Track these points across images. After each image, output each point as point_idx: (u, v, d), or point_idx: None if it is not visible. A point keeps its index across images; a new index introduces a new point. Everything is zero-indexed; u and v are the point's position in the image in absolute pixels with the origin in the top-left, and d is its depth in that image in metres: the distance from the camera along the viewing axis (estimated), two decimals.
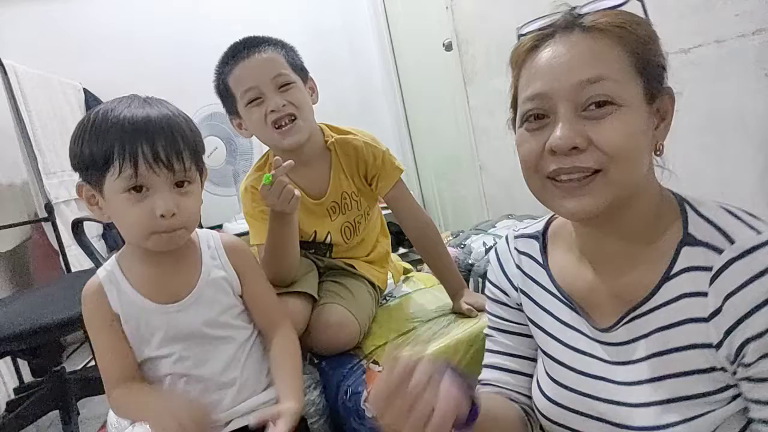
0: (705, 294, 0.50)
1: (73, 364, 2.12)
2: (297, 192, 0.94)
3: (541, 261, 0.67)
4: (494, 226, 1.62)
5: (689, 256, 0.52)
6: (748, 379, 0.49)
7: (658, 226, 0.55)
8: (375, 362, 1.00)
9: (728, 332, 0.48)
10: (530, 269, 0.68)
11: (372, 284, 1.22)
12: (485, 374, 0.72)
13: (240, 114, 1.09)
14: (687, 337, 0.51)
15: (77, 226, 1.86)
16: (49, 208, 1.94)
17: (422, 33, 2.47)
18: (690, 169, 1.20)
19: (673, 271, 0.53)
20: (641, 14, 0.55)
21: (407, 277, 1.43)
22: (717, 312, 0.49)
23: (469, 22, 2.04)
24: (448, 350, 0.99)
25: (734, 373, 0.50)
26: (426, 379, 0.48)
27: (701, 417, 0.51)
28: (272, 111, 1.03)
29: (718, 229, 0.52)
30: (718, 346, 0.49)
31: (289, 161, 0.92)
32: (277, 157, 0.94)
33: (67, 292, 1.58)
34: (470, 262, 1.48)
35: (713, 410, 0.51)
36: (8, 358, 2.04)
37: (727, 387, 0.51)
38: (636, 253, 0.56)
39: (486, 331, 0.75)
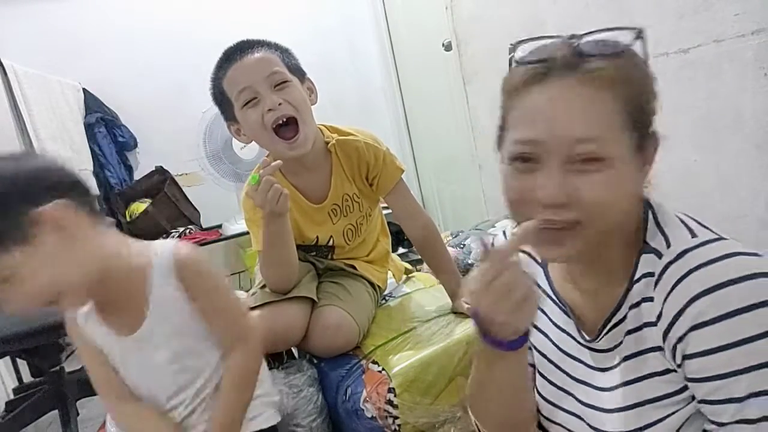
0: (652, 299, 0.52)
1: (73, 364, 2.12)
2: (285, 191, 0.93)
3: (540, 261, 0.68)
4: (494, 226, 1.62)
5: (645, 263, 0.54)
6: (686, 379, 0.51)
7: (629, 240, 0.57)
8: (374, 362, 1.00)
9: (665, 335, 0.51)
10: (529, 268, 0.68)
11: (372, 284, 1.22)
12: None
13: (237, 119, 1.05)
14: (644, 342, 0.54)
15: None
16: None
17: (422, 33, 2.47)
18: (688, 168, 1.20)
19: (635, 278, 0.55)
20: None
21: (408, 277, 1.42)
22: (659, 316, 0.51)
23: (468, 22, 2.04)
24: (448, 350, 0.99)
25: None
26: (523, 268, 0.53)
27: (667, 418, 0.53)
28: (269, 110, 0.99)
29: (664, 235, 0.54)
30: (664, 349, 0.52)
31: (278, 161, 0.93)
32: (264, 158, 0.94)
33: None
34: (470, 261, 1.48)
35: (678, 410, 0.53)
36: (7, 358, 2.03)
37: (686, 387, 0.52)
38: (608, 269, 0.58)
39: None
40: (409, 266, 1.46)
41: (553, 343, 0.65)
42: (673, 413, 0.53)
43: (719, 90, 1.13)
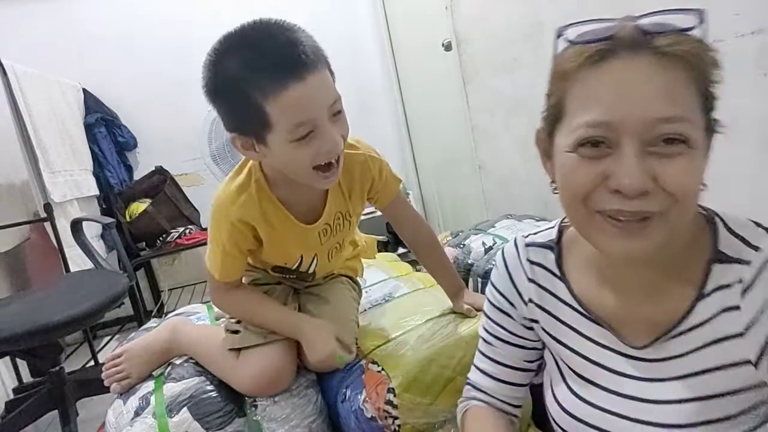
0: (738, 308, 0.49)
1: (72, 364, 2.12)
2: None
3: (557, 273, 0.63)
4: (494, 226, 1.62)
5: (721, 273, 0.51)
6: None
7: (688, 248, 0.53)
8: (374, 362, 1.00)
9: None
10: (546, 282, 0.65)
11: (351, 278, 1.20)
12: (476, 377, 0.74)
13: (268, 144, 0.82)
14: (724, 356, 0.50)
15: (76, 226, 1.86)
16: (48, 208, 1.95)
17: (422, 33, 2.47)
18: None
19: (706, 290, 0.51)
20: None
21: (408, 277, 1.42)
22: (753, 323, 0.48)
23: (468, 22, 2.04)
24: (448, 350, 0.99)
25: None
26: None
27: None
28: (328, 152, 0.82)
29: (746, 242, 0.50)
30: (758, 358, 0.48)
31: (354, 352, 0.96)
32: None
33: (66, 292, 1.58)
34: (469, 261, 1.47)
35: (754, 428, 0.49)
36: (7, 359, 2.04)
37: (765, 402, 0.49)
38: (664, 278, 0.54)
39: (482, 333, 0.74)
40: (379, 238, 1.43)
41: (588, 359, 0.60)
42: (755, 428, 0.49)
43: (718, 90, 1.13)
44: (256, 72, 0.76)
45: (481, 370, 0.73)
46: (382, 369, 0.97)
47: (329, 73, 0.83)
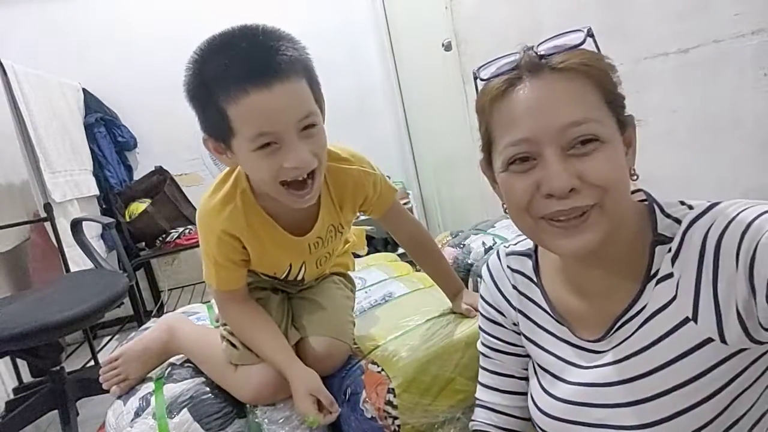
0: (672, 275, 0.53)
1: (73, 364, 2.13)
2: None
3: (534, 279, 0.68)
4: (493, 226, 1.62)
5: (661, 253, 0.54)
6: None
7: (634, 240, 0.57)
8: (374, 363, 1.00)
9: (697, 290, 0.50)
10: (525, 288, 0.69)
11: (342, 275, 1.20)
12: (482, 394, 0.77)
13: (233, 149, 0.80)
14: (667, 323, 0.53)
15: (76, 226, 1.86)
16: (48, 208, 1.95)
17: (421, 33, 2.47)
18: (687, 168, 1.20)
19: (653, 272, 0.55)
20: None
21: (408, 277, 1.42)
22: (680, 279, 0.51)
23: (468, 22, 2.04)
24: (447, 350, 0.99)
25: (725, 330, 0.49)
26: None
27: (710, 400, 0.50)
28: (295, 168, 0.78)
29: (678, 221, 0.55)
30: (695, 311, 0.50)
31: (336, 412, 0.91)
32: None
33: (66, 292, 1.58)
34: (469, 261, 1.47)
35: (719, 391, 0.50)
36: (7, 359, 2.04)
37: (723, 361, 0.50)
38: (617, 272, 0.58)
39: (480, 348, 0.78)
40: (367, 228, 1.43)
41: (554, 356, 0.64)
42: (714, 395, 0.50)
43: (718, 90, 1.13)
44: (223, 74, 0.73)
45: (486, 385, 0.76)
46: (382, 369, 0.97)
47: (307, 85, 0.79)
